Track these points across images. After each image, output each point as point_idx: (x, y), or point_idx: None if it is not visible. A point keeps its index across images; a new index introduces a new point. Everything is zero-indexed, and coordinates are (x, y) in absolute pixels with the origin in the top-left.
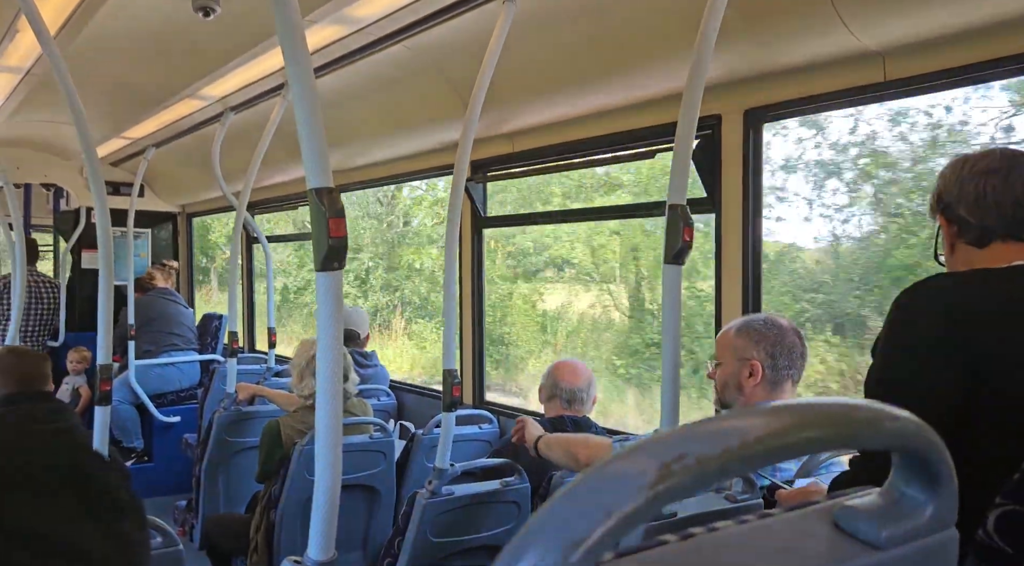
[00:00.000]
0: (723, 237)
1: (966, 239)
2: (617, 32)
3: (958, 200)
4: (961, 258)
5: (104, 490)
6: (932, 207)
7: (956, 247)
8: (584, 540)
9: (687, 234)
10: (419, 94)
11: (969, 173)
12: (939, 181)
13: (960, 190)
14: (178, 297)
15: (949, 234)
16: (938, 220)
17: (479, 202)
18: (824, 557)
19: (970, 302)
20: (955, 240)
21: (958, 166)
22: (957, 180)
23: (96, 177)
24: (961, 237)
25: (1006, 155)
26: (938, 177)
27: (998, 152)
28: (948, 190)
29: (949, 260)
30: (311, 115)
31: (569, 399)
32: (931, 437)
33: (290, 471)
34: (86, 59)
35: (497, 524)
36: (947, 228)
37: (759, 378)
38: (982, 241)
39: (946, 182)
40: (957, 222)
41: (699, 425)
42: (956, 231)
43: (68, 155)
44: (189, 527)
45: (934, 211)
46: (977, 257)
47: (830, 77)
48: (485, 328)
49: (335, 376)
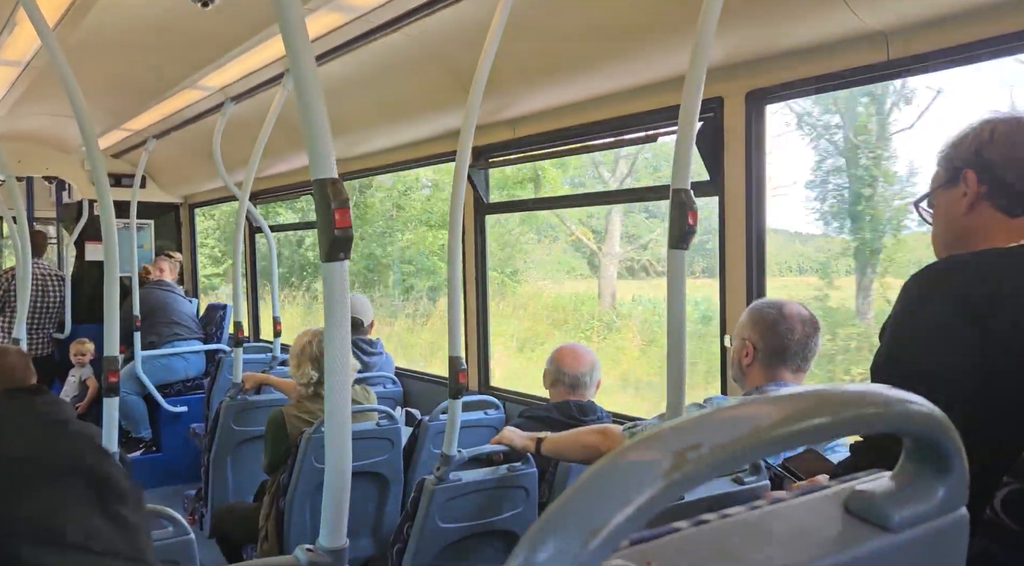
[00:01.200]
0: (726, 220)
1: (995, 204)
2: (618, 16)
3: (1006, 163)
4: (981, 221)
5: (106, 478)
6: (958, 158)
7: (979, 207)
8: (603, 528)
9: (691, 218)
10: (420, 81)
11: (1020, 139)
12: (980, 136)
13: (1011, 153)
14: (177, 289)
15: (973, 193)
16: (967, 175)
17: (481, 189)
18: (836, 541)
19: (983, 287)
20: (979, 201)
21: (1009, 128)
22: (1009, 143)
23: (98, 169)
24: (989, 200)
25: None
26: (976, 132)
27: None
28: (996, 150)
29: (960, 218)
30: (314, 105)
31: (573, 384)
32: (941, 420)
33: (298, 459)
34: (85, 51)
35: (505, 510)
36: (974, 186)
37: (752, 358)
38: (1016, 210)
39: (994, 141)
40: (992, 183)
41: (713, 414)
42: (986, 191)
43: (69, 148)
44: (199, 516)
45: (958, 162)
46: (1003, 224)
47: (832, 57)
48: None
49: (343, 365)
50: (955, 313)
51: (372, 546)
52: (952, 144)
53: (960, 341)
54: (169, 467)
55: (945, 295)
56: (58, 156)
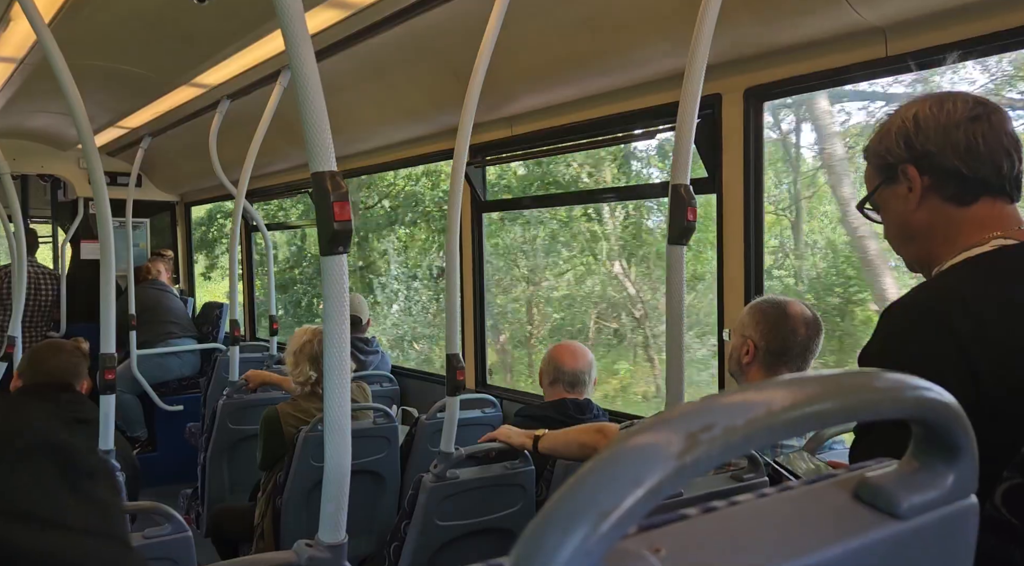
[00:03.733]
0: (724, 217)
1: (944, 195)
2: (616, 13)
3: (943, 149)
4: (935, 216)
5: (74, 456)
6: (889, 154)
7: (927, 203)
8: (614, 510)
9: (691, 214)
10: (417, 79)
11: (949, 119)
12: (903, 126)
13: (946, 138)
14: (169, 288)
15: (918, 188)
16: (907, 170)
17: (478, 187)
18: (845, 528)
19: (965, 307)
20: (927, 195)
21: (933, 110)
22: (938, 127)
23: (95, 167)
24: (937, 192)
25: (978, 100)
26: (897, 123)
27: (967, 96)
28: (926, 137)
29: (910, 216)
30: (313, 98)
31: (572, 382)
32: (952, 406)
33: (295, 458)
34: (81, 47)
35: (503, 507)
36: (917, 181)
37: (752, 357)
38: (966, 198)
39: (920, 129)
40: (934, 174)
41: (724, 396)
42: (929, 184)
43: (65, 145)
44: (195, 515)
45: (891, 158)
46: (959, 215)
47: (831, 54)
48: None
49: (342, 360)
50: (950, 353)
51: (369, 544)
52: (878, 139)
53: (948, 370)
54: (165, 466)
55: (928, 326)
56: (54, 154)
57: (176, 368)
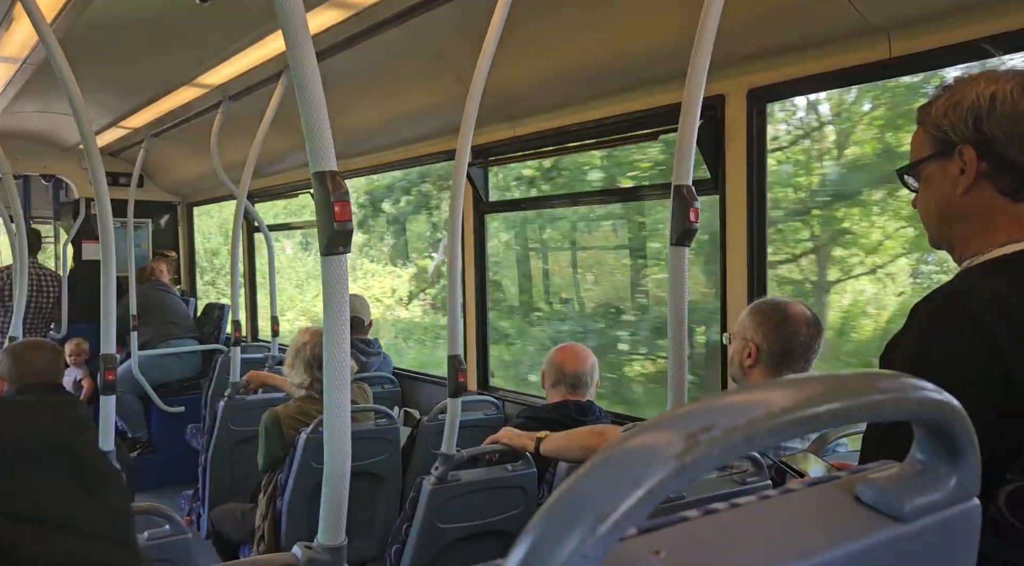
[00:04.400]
0: (727, 218)
1: (998, 185)
2: (619, 13)
3: (1013, 138)
4: (980, 203)
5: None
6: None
7: (977, 188)
8: (613, 512)
9: (693, 215)
10: (419, 79)
11: None
12: (976, 103)
13: (1016, 127)
14: (171, 288)
15: (972, 172)
16: (965, 151)
17: (481, 187)
18: (847, 530)
19: (1001, 307)
20: (979, 181)
21: (1011, 94)
22: (1015, 114)
23: (96, 168)
24: (990, 181)
25: None
26: (971, 98)
27: None
28: (998, 122)
29: (955, 199)
30: (314, 98)
31: (574, 384)
32: (955, 408)
33: (296, 460)
34: (83, 48)
35: (504, 509)
36: (974, 165)
37: (755, 360)
38: (1021, 193)
39: (995, 111)
40: (995, 162)
41: (723, 397)
42: (986, 171)
43: (67, 146)
44: (196, 516)
45: (953, 136)
46: (1005, 209)
47: (834, 55)
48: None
49: (342, 361)
50: (980, 353)
51: (370, 547)
52: (944, 109)
53: (982, 374)
54: (166, 467)
55: (967, 333)
56: (56, 154)
57: (177, 369)
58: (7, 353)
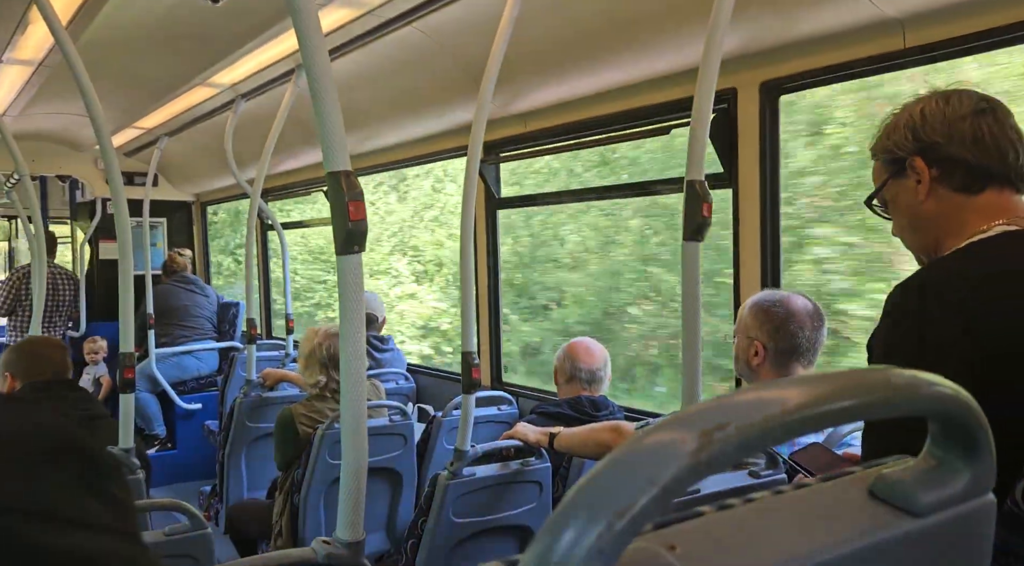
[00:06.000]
0: (740, 212)
1: (951, 185)
2: (630, 7)
3: (949, 139)
4: (943, 206)
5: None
6: (897, 147)
7: (935, 193)
8: (629, 509)
9: (706, 210)
10: (431, 76)
11: (955, 113)
12: (911, 120)
13: (951, 129)
14: (198, 284)
15: (927, 179)
16: (914, 162)
17: (493, 183)
18: (861, 525)
19: (968, 283)
20: (935, 186)
21: (939, 104)
22: (944, 119)
23: (112, 168)
24: (944, 183)
25: (982, 97)
26: (904, 118)
27: (972, 93)
28: (933, 129)
29: (919, 207)
30: (327, 98)
31: (589, 380)
32: (969, 402)
33: (312, 456)
34: (98, 49)
35: (519, 504)
36: (925, 172)
37: (762, 359)
38: (975, 186)
39: (927, 121)
40: (941, 165)
41: (738, 395)
42: (938, 174)
43: (82, 147)
44: (214, 512)
45: (899, 152)
46: (967, 204)
47: (848, 46)
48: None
49: (358, 359)
50: (954, 330)
51: (386, 541)
52: (885, 135)
53: (956, 359)
54: (184, 464)
55: (939, 313)
56: (72, 155)
57: (195, 367)
58: (14, 351)
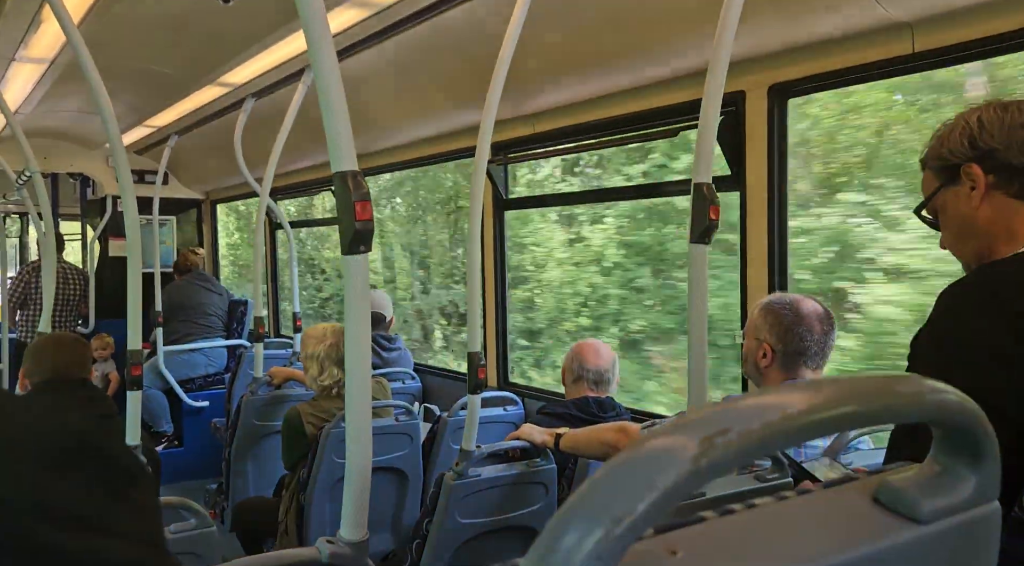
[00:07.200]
0: (747, 215)
1: (1008, 191)
2: (639, 9)
3: (1008, 147)
4: (998, 212)
5: (116, 460)
6: (952, 154)
7: (990, 199)
8: (628, 514)
9: (713, 212)
10: (439, 77)
11: (1013, 120)
12: (967, 128)
13: (1009, 137)
14: (210, 281)
15: (982, 185)
16: (971, 169)
17: (500, 184)
18: (865, 532)
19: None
20: (991, 192)
21: (997, 112)
22: (1003, 126)
23: (122, 166)
24: (1001, 189)
25: None
26: (960, 125)
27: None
28: (991, 136)
29: (974, 213)
30: (335, 98)
31: (596, 380)
32: (974, 410)
33: (318, 455)
34: (109, 48)
35: (524, 505)
36: (981, 179)
37: (770, 361)
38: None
39: (985, 128)
40: (999, 171)
41: (741, 400)
42: (994, 181)
43: (93, 144)
44: (220, 510)
45: (954, 159)
46: (1022, 210)
47: (856, 50)
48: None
49: (364, 358)
50: (1007, 331)
51: (391, 541)
52: (938, 143)
53: (1009, 367)
54: (190, 461)
55: (993, 311)
56: (82, 153)
57: (203, 365)
58: (30, 350)
